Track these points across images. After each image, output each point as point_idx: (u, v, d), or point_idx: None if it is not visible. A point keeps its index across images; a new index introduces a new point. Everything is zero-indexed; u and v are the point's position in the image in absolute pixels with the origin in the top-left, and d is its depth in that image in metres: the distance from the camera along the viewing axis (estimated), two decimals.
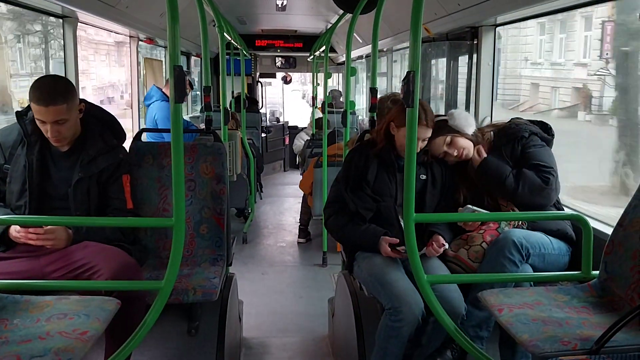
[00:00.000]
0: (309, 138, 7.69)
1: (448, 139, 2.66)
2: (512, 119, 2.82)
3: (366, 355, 2.63)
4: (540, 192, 2.54)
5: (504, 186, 2.58)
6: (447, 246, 2.53)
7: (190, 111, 8.59)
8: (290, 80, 11.70)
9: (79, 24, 3.65)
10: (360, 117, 8.91)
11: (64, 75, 3.56)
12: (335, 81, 11.80)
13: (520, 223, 2.59)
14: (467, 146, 2.68)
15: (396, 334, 2.32)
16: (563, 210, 2.74)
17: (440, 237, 2.52)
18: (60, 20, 3.59)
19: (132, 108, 5.50)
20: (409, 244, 1.94)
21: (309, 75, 11.64)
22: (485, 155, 2.67)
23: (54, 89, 2.27)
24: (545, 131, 2.72)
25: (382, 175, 2.64)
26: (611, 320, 1.62)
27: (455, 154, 2.67)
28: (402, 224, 2.58)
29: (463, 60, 4.31)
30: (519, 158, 2.64)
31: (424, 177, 2.65)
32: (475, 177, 2.69)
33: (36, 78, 2.34)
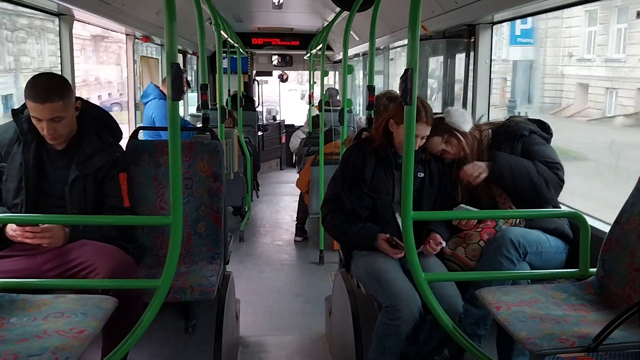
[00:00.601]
0: (305, 136, 7.68)
1: (446, 137, 2.66)
2: (510, 117, 2.82)
3: (363, 354, 2.63)
4: (556, 187, 2.52)
5: (531, 178, 2.48)
6: (444, 244, 2.53)
7: (187, 110, 8.57)
8: (287, 78, 11.68)
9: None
10: (357, 116, 8.90)
11: (60, 72, 3.54)
12: (332, 79, 11.78)
13: (517, 221, 2.59)
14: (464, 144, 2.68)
15: (394, 332, 2.32)
16: (560, 208, 2.74)
17: (437, 236, 2.52)
18: None
19: (128, 106, 5.48)
20: (406, 242, 1.94)
21: (307, 74, 11.62)
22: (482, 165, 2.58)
23: (50, 87, 2.25)
24: (544, 130, 2.72)
25: (379, 173, 2.64)
26: (609, 317, 1.62)
27: (452, 151, 2.67)
28: (398, 221, 2.59)
29: (460, 58, 4.31)
30: (520, 157, 2.63)
31: (421, 175, 2.65)
32: (497, 175, 2.55)
33: (32, 75, 2.33)
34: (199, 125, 4.05)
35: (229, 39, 6.51)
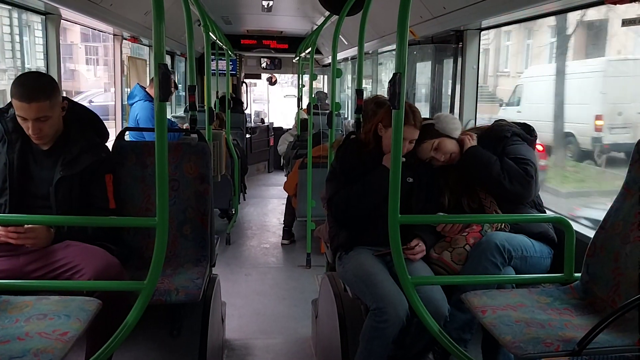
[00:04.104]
0: (293, 139, 7.67)
1: (435, 143, 2.67)
2: (495, 120, 2.84)
3: (350, 357, 2.63)
4: (521, 180, 2.55)
5: (490, 173, 2.58)
6: (421, 248, 2.54)
7: (175, 112, 8.53)
8: (276, 81, 11.66)
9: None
10: (345, 120, 8.92)
11: (45, 72, 3.51)
12: (321, 83, 11.80)
13: (502, 226, 2.61)
14: (454, 150, 2.68)
15: (380, 335, 2.32)
16: (545, 212, 2.76)
17: (413, 242, 2.53)
18: None
19: (115, 106, 5.44)
20: (393, 246, 1.94)
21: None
22: (475, 143, 2.68)
23: (37, 86, 2.23)
24: (528, 133, 2.74)
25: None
26: (593, 321, 1.63)
27: (442, 159, 2.68)
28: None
29: (448, 63, 4.33)
30: (499, 156, 2.65)
31: (410, 180, 2.65)
32: (463, 164, 2.67)
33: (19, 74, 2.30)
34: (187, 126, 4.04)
35: (217, 41, 6.49)
